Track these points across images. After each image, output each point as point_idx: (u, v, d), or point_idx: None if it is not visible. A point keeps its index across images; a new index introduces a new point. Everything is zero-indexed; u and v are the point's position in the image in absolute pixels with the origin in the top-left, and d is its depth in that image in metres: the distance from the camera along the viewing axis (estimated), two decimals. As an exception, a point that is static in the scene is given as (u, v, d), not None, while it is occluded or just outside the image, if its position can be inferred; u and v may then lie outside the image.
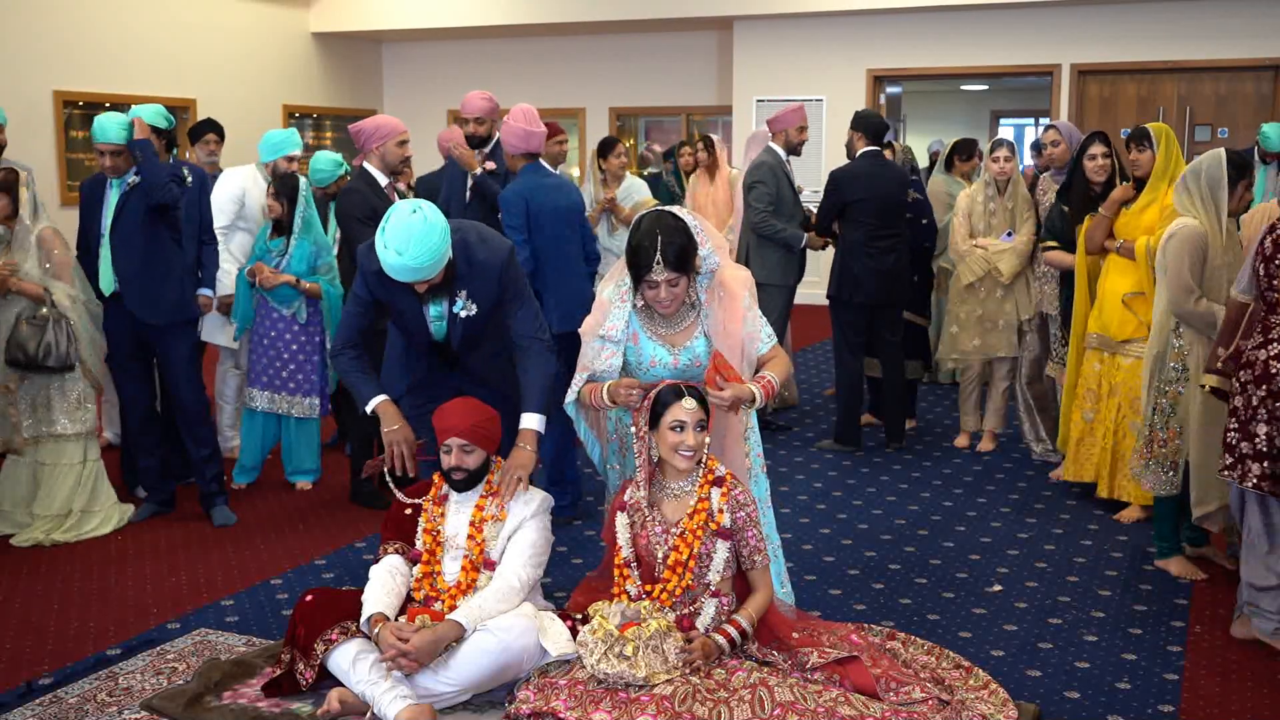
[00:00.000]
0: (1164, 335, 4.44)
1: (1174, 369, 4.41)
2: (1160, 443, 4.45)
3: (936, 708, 3.18)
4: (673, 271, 3.45)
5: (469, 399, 3.72)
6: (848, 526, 5.17)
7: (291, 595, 4.31)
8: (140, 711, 3.37)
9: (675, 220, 3.49)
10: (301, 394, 5.60)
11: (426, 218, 3.55)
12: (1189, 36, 10.89)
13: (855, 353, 6.43)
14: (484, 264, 3.79)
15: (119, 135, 4.90)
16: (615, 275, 3.70)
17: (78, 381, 4.96)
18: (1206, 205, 4.28)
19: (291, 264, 5.52)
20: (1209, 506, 4.31)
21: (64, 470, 4.96)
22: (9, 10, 10.21)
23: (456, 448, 3.57)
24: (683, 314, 3.63)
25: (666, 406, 3.38)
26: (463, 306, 3.81)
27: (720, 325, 3.60)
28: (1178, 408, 4.42)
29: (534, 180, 5.14)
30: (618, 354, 3.61)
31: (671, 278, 3.46)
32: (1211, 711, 3.43)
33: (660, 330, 3.63)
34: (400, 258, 3.52)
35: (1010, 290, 6.16)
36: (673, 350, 3.61)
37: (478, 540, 3.56)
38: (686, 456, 3.38)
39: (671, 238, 3.43)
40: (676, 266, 3.45)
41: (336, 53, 13.92)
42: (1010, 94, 16.70)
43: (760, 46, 12.27)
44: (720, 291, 3.61)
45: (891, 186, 6.33)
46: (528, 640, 3.29)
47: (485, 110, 5.71)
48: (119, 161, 4.95)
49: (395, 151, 5.36)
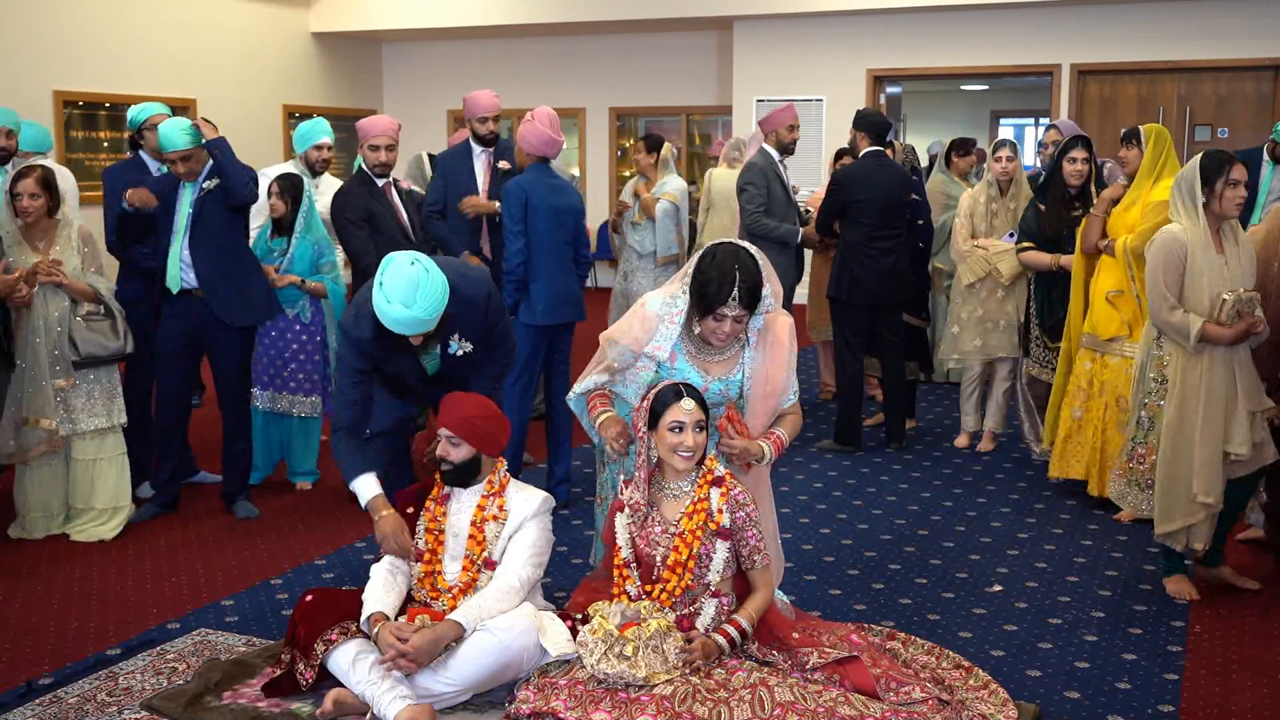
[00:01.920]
0: (1147, 345, 4.31)
1: (1153, 380, 4.27)
2: (1138, 459, 4.33)
3: (936, 708, 3.18)
4: (744, 309, 3.43)
5: (478, 395, 3.74)
6: (848, 526, 5.17)
7: (291, 595, 4.31)
8: (140, 711, 3.37)
9: (750, 258, 3.46)
10: (304, 393, 5.60)
11: (425, 268, 3.59)
12: (1189, 36, 10.89)
13: (856, 353, 6.43)
14: (471, 300, 3.84)
15: (185, 140, 4.89)
16: (667, 291, 3.61)
17: (111, 372, 5.00)
18: (1188, 208, 4.13)
19: (294, 264, 5.52)
20: (1174, 525, 4.14)
21: (107, 464, 4.97)
22: (9, 10, 10.21)
23: (444, 438, 3.58)
24: (729, 347, 3.61)
25: (666, 407, 3.37)
26: (457, 347, 3.86)
27: (763, 370, 3.58)
28: (1156, 422, 4.26)
29: (538, 178, 5.21)
30: (651, 368, 3.59)
31: (740, 314, 3.44)
32: (1211, 711, 3.43)
33: (701, 358, 3.61)
34: (408, 311, 3.55)
35: (1011, 291, 6.15)
36: (705, 378, 3.59)
37: (479, 539, 3.56)
38: (685, 457, 3.38)
39: (748, 275, 3.40)
40: (748, 304, 3.43)
41: (336, 53, 13.92)
42: (1010, 94, 16.69)
43: (760, 46, 12.26)
44: (770, 336, 3.58)
45: (893, 187, 6.33)
46: (527, 640, 3.29)
47: (496, 107, 5.80)
48: (193, 165, 4.95)
49: (369, 155, 5.38)
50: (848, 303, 6.34)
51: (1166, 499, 4.15)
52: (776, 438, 3.58)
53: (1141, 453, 4.32)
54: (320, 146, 6.13)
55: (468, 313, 3.83)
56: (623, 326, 3.63)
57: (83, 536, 4.90)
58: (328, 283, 5.59)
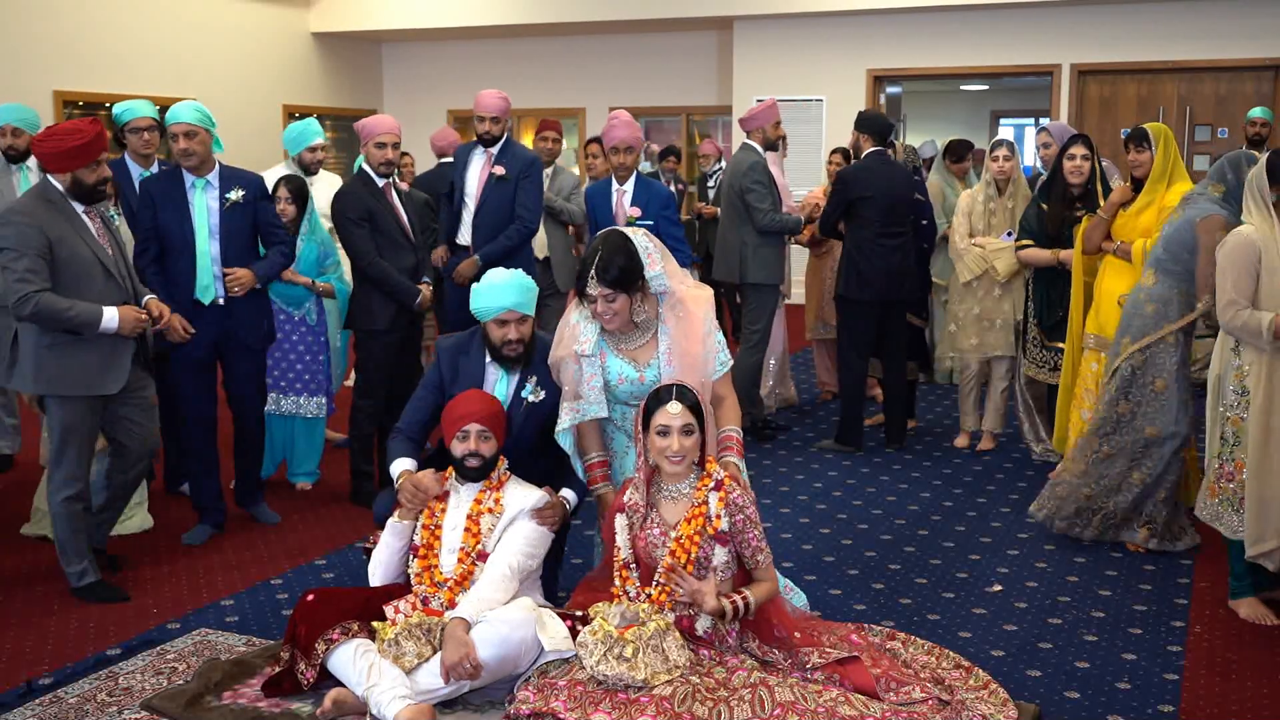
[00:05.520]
0: (1223, 355, 4.08)
1: (1234, 392, 4.02)
2: (1227, 477, 4.06)
3: (936, 708, 3.18)
4: (608, 288, 3.56)
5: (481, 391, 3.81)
6: (848, 526, 5.17)
7: (291, 595, 4.31)
8: (140, 711, 3.37)
9: (622, 239, 3.63)
10: (308, 394, 5.61)
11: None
12: (1189, 36, 10.89)
13: (861, 353, 6.41)
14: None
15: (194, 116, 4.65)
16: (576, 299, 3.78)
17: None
18: (1260, 208, 3.98)
19: (300, 265, 5.52)
20: (1268, 545, 3.94)
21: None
22: (9, 10, 10.21)
23: (475, 433, 3.63)
24: (641, 330, 3.70)
25: (654, 410, 3.39)
26: (531, 391, 3.93)
27: (679, 344, 3.67)
28: (1241, 436, 4.01)
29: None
30: (597, 375, 3.70)
31: (608, 293, 3.58)
32: (1211, 711, 3.43)
33: (623, 349, 3.72)
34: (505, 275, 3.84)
35: (1008, 289, 6.16)
36: (637, 366, 3.70)
37: (474, 532, 3.60)
38: (673, 461, 3.38)
39: (613, 256, 3.56)
40: (613, 284, 3.56)
41: (336, 53, 13.92)
42: (1010, 94, 16.69)
43: (760, 46, 12.26)
44: (680, 310, 3.69)
45: (898, 185, 6.32)
46: (526, 633, 3.29)
47: (501, 109, 5.77)
48: (194, 145, 4.68)
49: (374, 154, 5.37)
50: (856, 301, 6.31)
51: (1259, 519, 3.94)
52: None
53: (1230, 470, 4.05)
54: (314, 148, 6.12)
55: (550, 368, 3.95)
56: (558, 341, 3.78)
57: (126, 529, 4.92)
58: (335, 282, 5.60)
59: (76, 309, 4.03)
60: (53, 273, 4.04)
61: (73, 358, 4.11)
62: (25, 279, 3.97)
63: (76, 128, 4.09)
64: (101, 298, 4.12)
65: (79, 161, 4.07)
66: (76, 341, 4.10)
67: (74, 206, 4.16)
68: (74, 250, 4.09)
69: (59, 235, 4.06)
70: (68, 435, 4.18)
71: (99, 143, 4.09)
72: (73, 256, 4.09)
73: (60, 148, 4.05)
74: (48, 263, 4.02)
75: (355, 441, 5.51)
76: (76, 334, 4.08)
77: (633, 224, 5.80)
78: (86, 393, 4.15)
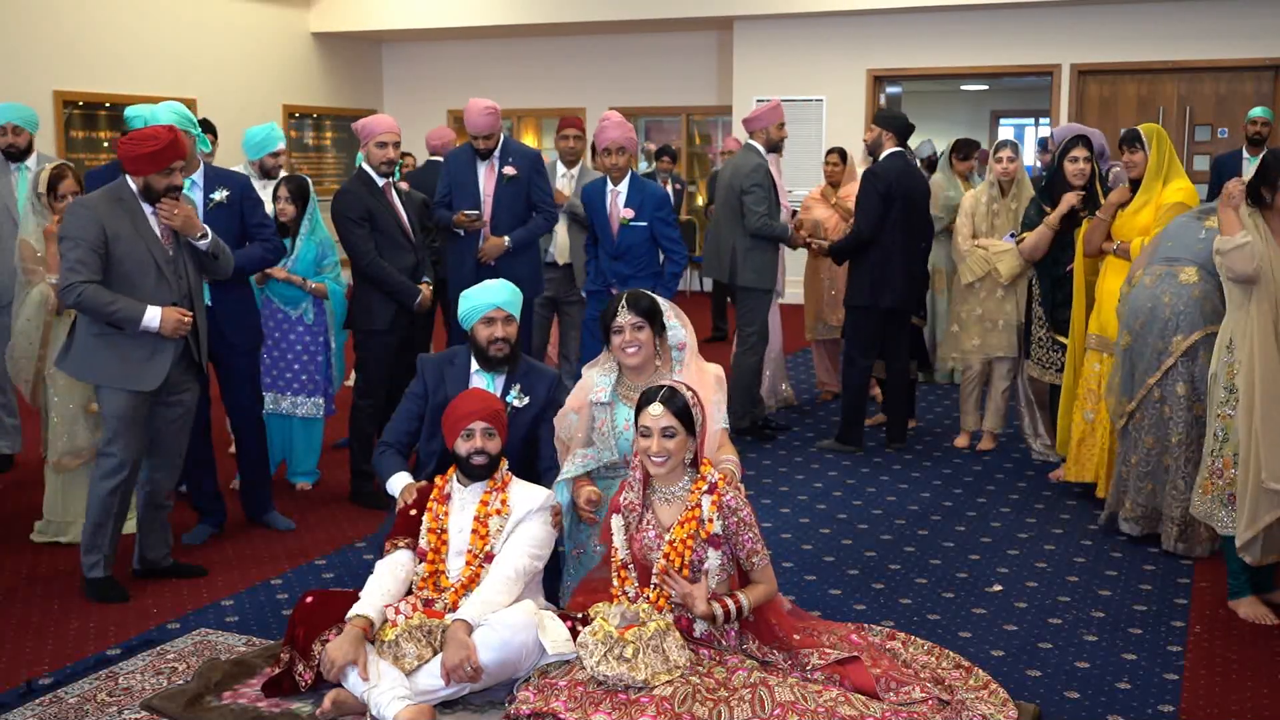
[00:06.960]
0: (1217, 354, 4.10)
1: (1225, 389, 4.03)
2: (1217, 474, 4.08)
3: (936, 708, 3.18)
4: (637, 316, 3.77)
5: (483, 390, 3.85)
6: (848, 526, 5.17)
7: (291, 595, 4.31)
8: (140, 711, 3.37)
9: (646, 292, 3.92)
10: (306, 394, 5.60)
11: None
12: (1189, 36, 10.89)
13: (868, 355, 6.39)
14: (540, 371, 4.16)
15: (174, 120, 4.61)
16: (601, 359, 3.97)
17: None
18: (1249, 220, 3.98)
19: (298, 265, 5.52)
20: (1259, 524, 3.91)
21: None
22: (9, 10, 10.21)
23: (480, 431, 3.64)
24: (656, 378, 3.72)
25: (639, 411, 3.40)
26: (515, 396, 4.03)
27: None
28: (1230, 433, 4.03)
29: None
30: (608, 420, 3.84)
31: (637, 321, 3.77)
32: (1211, 711, 3.43)
33: (632, 396, 3.77)
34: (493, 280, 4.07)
35: (1010, 290, 6.16)
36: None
37: (481, 534, 3.60)
38: (655, 463, 3.37)
39: (639, 295, 3.84)
40: (644, 313, 3.79)
41: (336, 53, 13.92)
42: (1010, 94, 16.69)
43: (760, 46, 12.26)
44: (693, 365, 3.84)
45: (921, 186, 6.32)
46: (527, 636, 3.29)
47: (492, 127, 5.75)
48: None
49: (375, 153, 5.37)
50: (870, 308, 6.21)
51: (1252, 499, 3.91)
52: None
53: (1219, 466, 4.06)
54: (277, 154, 6.06)
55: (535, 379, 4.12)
56: (571, 396, 3.97)
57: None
58: (329, 283, 5.59)
59: (119, 304, 4.10)
60: (106, 267, 4.12)
61: (115, 350, 4.19)
62: (75, 269, 4.06)
63: (154, 134, 4.16)
64: (151, 296, 4.18)
65: (152, 166, 4.13)
66: (121, 335, 4.18)
67: (144, 207, 4.22)
68: (131, 248, 4.16)
69: (117, 232, 4.13)
70: (115, 424, 4.24)
71: (170, 150, 4.14)
72: (128, 254, 4.16)
73: (135, 152, 4.12)
74: (101, 256, 4.10)
75: (355, 441, 5.51)
76: (119, 328, 4.16)
77: (626, 224, 5.82)
78: (123, 386, 4.20)
